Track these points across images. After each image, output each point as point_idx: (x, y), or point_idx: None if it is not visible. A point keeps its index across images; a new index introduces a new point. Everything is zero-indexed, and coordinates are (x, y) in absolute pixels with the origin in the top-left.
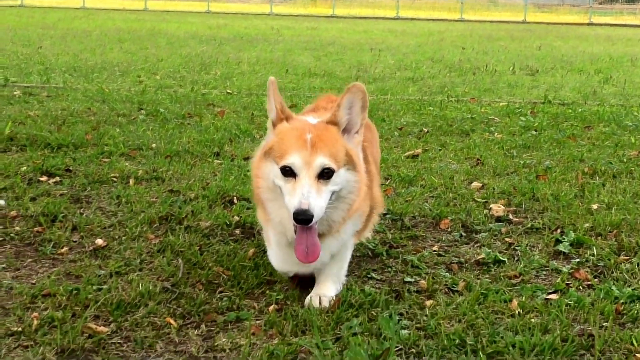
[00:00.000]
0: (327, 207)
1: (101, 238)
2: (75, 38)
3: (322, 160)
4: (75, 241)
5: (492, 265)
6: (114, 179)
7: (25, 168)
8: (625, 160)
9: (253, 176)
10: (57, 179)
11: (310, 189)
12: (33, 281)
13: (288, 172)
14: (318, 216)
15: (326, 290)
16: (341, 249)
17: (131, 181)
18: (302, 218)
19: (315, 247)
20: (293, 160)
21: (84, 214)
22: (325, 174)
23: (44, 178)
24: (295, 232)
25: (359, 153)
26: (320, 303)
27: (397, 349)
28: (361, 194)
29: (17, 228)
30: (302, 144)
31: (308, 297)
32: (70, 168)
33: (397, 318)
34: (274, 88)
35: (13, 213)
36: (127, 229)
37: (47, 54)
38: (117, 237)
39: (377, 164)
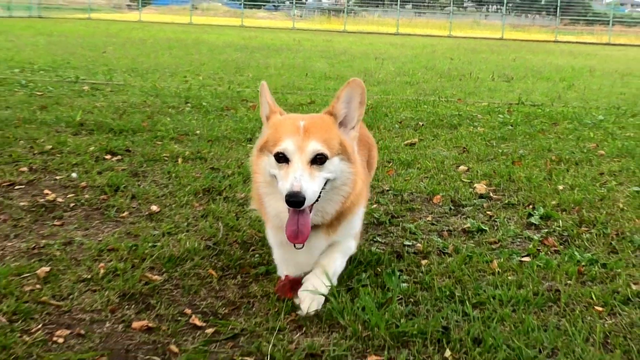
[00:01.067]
0: (322, 197)
1: (155, 205)
2: (133, 45)
3: (315, 145)
4: (134, 207)
5: (475, 233)
6: (166, 158)
7: (92, 148)
8: (585, 150)
9: (252, 173)
10: (119, 157)
11: (303, 172)
12: (100, 239)
13: (281, 158)
14: (310, 199)
15: (317, 285)
16: (337, 249)
17: (179, 160)
18: (294, 200)
19: (306, 228)
20: (285, 145)
21: (141, 186)
22: (318, 160)
23: (108, 156)
24: None
25: (354, 147)
26: (308, 309)
27: (398, 298)
28: (356, 187)
29: (87, 196)
30: (295, 130)
31: (306, 279)
32: (130, 149)
33: (398, 274)
34: (265, 90)
35: (83, 184)
36: (176, 198)
37: (110, 57)
38: (168, 204)
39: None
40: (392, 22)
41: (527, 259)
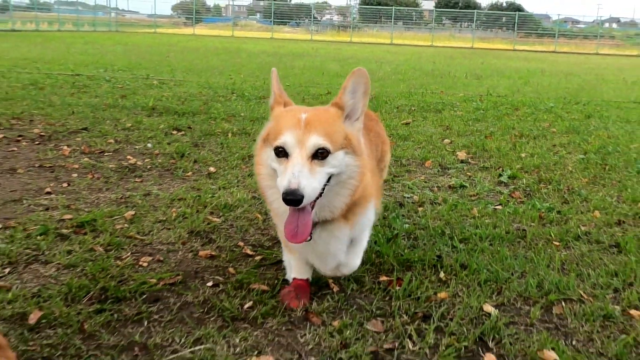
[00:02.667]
0: (328, 192)
1: (212, 167)
2: (189, 52)
3: (315, 139)
4: (196, 168)
5: (458, 188)
6: (219, 133)
7: (162, 125)
8: (540, 128)
9: (255, 164)
10: (183, 132)
11: (302, 168)
12: (171, 191)
13: (281, 152)
14: (310, 197)
15: (343, 260)
16: (356, 243)
17: (229, 134)
18: (291, 198)
19: (306, 227)
20: (285, 139)
21: (201, 153)
22: (319, 154)
23: (174, 132)
24: None
25: (361, 139)
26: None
27: (402, 235)
28: (364, 179)
29: (159, 160)
30: (296, 123)
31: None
32: (191, 126)
33: (401, 217)
34: (275, 77)
35: (156, 151)
36: (228, 162)
37: (171, 60)
38: (222, 166)
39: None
40: (388, 35)
41: (499, 207)
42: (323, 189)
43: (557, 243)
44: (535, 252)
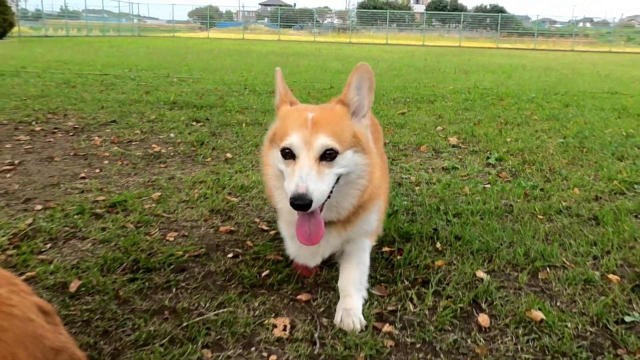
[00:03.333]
0: (336, 193)
1: (229, 153)
2: (204, 53)
3: (323, 140)
4: (214, 155)
5: (451, 170)
6: (234, 123)
7: (183, 117)
8: (524, 116)
9: (262, 165)
10: (202, 123)
11: (310, 171)
12: (192, 175)
13: (288, 154)
14: (318, 201)
15: (354, 305)
16: (359, 253)
17: (243, 125)
18: (299, 203)
19: (319, 229)
20: (292, 140)
21: (218, 141)
22: (327, 155)
23: (194, 123)
24: None
25: (369, 136)
26: (352, 324)
27: (401, 211)
28: (374, 178)
29: (182, 148)
30: (302, 124)
31: (338, 314)
32: (209, 118)
33: (400, 195)
34: (279, 76)
35: (178, 140)
36: (243, 149)
37: (189, 61)
38: (238, 153)
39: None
40: (383, 36)
41: (488, 185)
42: (332, 190)
43: (541, 217)
44: (521, 224)
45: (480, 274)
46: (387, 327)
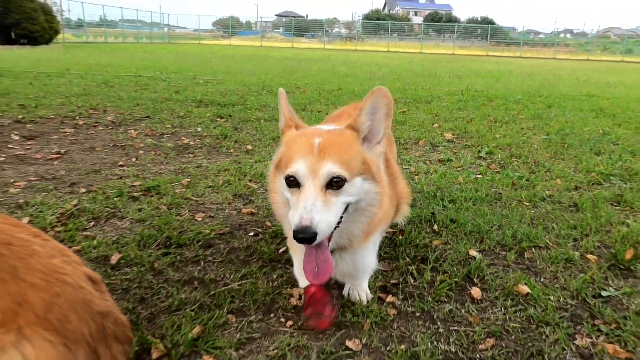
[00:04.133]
0: (346, 220)
1: (249, 145)
2: (226, 58)
3: (330, 168)
4: (237, 147)
5: (446, 162)
6: (253, 119)
7: (209, 114)
8: (511, 115)
9: (269, 191)
10: (225, 119)
11: (315, 201)
12: (217, 164)
13: (293, 182)
14: (324, 233)
15: (363, 282)
16: (362, 255)
17: (262, 121)
18: (303, 237)
19: (327, 266)
20: (297, 167)
21: (240, 135)
22: (334, 184)
23: (218, 119)
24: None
25: (380, 164)
26: (359, 297)
27: None
28: (383, 206)
29: (207, 140)
30: (308, 150)
31: (346, 287)
32: (231, 114)
33: None
34: (283, 98)
35: (205, 134)
36: (262, 142)
37: (213, 65)
38: (257, 145)
39: (396, 161)
40: (385, 44)
41: (479, 176)
42: (341, 218)
43: (527, 203)
44: (509, 210)
45: (473, 252)
46: (390, 298)
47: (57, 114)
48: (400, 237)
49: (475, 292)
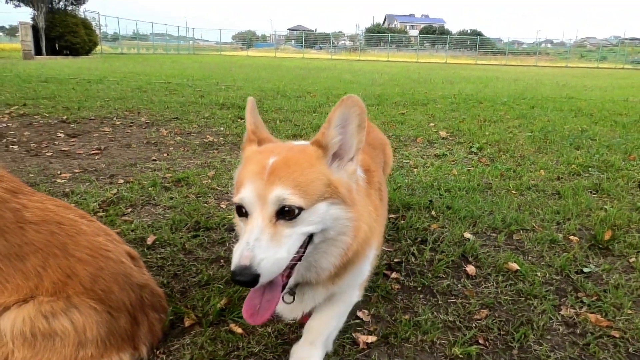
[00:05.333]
0: (313, 252)
1: None
2: (245, 67)
3: (279, 193)
4: None
5: (442, 156)
6: (270, 120)
7: (230, 115)
8: (498, 115)
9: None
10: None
11: (261, 235)
12: (239, 158)
13: (241, 210)
14: (269, 273)
15: (310, 356)
16: (341, 304)
17: (277, 121)
18: (241, 279)
19: (270, 307)
20: (243, 195)
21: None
22: (287, 212)
23: (239, 120)
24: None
25: (352, 184)
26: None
27: (403, 187)
28: (359, 234)
29: (230, 138)
30: (259, 172)
31: (294, 350)
32: None
33: (402, 175)
34: (250, 108)
35: (227, 132)
36: (278, 139)
37: (233, 73)
38: None
39: (384, 189)
40: (385, 54)
41: (471, 168)
42: (304, 250)
43: (515, 192)
44: (499, 197)
45: (467, 235)
46: (394, 275)
47: (97, 115)
48: (402, 221)
49: (470, 269)
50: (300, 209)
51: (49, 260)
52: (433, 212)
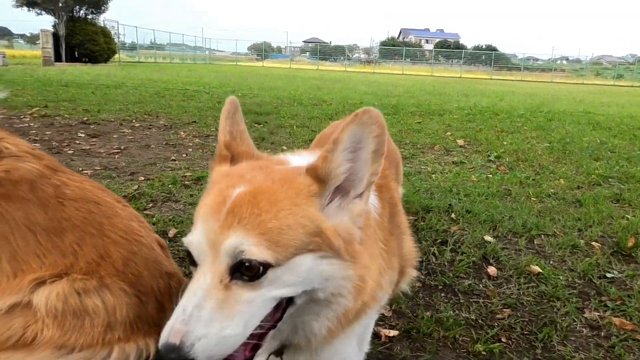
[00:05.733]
0: (300, 313)
1: (285, 146)
2: (261, 76)
3: (235, 242)
4: (272, 148)
5: (459, 163)
6: (286, 126)
7: (247, 120)
8: (515, 127)
9: None
10: (261, 125)
11: (204, 300)
12: None
13: (192, 258)
14: (214, 355)
15: None
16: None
17: (294, 127)
18: None
19: None
20: (191, 237)
21: (275, 138)
22: (246, 269)
23: (256, 125)
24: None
25: (355, 231)
26: None
27: (422, 191)
28: (363, 292)
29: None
30: (215, 209)
31: None
32: (267, 121)
33: (420, 180)
34: (227, 111)
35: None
36: (295, 144)
37: (250, 82)
38: (291, 146)
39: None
40: (400, 68)
41: (490, 175)
42: (281, 315)
43: (534, 199)
44: (518, 204)
45: (488, 237)
46: (415, 273)
47: (117, 117)
48: (422, 223)
49: (492, 270)
50: (267, 266)
51: (85, 239)
52: (453, 215)
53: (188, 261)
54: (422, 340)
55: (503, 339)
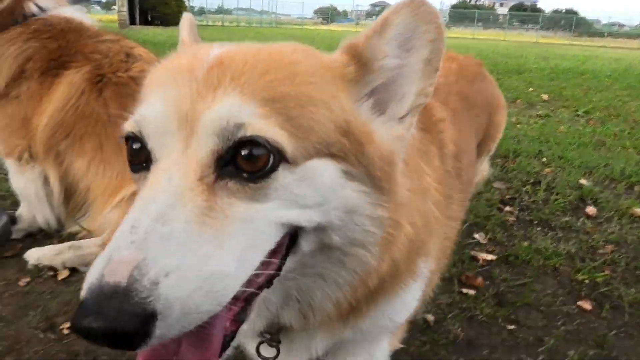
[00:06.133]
0: (306, 276)
1: None
2: (327, 39)
3: (229, 109)
4: None
5: (545, 117)
6: None
7: None
8: (604, 85)
9: None
10: None
11: (172, 209)
12: None
13: (135, 154)
14: (189, 309)
15: None
16: None
17: None
18: (98, 324)
19: None
20: (146, 111)
21: None
22: (247, 159)
23: None
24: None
25: (397, 158)
26: None
27: (508, 138)
28: (395, 246)
29: None
30: (185, 71)
31: None
32: None
33: (505, 129)
34: (186, 25)
35: None
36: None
37: (316, 45)
38: None
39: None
40: (471, 32)
41: (580, 128)
42: (281, 261)
43: (631, 150)
44: (614, 154)
45: (583, 181)
46: (508, 208)
47: None
48: (512, 164)
49: (590, 210)
50: (280, 156)
51: None
52: (544, 159)
53: (129, 160)
54: (521, 266)
55: (607, 271)
